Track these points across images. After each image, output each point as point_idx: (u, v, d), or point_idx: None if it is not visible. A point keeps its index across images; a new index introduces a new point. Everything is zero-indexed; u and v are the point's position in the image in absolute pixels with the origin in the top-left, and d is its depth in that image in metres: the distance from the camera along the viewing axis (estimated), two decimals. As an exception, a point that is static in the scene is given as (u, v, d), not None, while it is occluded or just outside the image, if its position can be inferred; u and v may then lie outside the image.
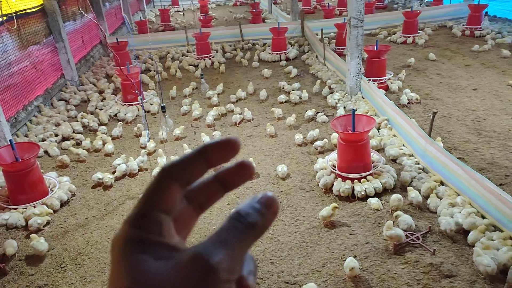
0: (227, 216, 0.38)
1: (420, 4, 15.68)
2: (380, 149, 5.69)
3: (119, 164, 5.62)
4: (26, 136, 6.68)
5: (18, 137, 6.54)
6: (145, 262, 0.36)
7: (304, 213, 4.55)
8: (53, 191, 5.09)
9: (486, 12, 11.22)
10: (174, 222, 0.42)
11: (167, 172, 0.41)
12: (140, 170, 5.68)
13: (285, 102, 7.66)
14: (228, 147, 0.41)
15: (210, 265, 0.34)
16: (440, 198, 4.43)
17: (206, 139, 6.11)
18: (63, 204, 5.00)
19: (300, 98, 7.58)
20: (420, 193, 4.54)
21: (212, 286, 0.34)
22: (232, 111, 7.37)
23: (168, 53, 11.45)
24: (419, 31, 11.13)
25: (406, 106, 6.94)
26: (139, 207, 0.40)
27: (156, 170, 5.57)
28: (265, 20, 15.32)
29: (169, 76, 9.69)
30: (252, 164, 0.43)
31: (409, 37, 10.87)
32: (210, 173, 0.44)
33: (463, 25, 11.42)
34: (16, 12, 7.32)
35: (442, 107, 6.82)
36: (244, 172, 0.42)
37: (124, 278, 0.36)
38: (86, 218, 4.78)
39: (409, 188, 4.54)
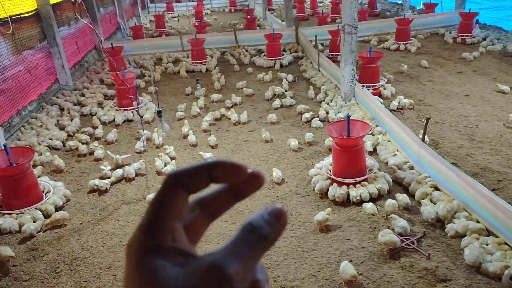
0: (240, 227, 0.39)
1: (413, 12, 15.89)
2: (373, 152, 5.74)
3: (110, 169, 5.62)
4: (33, 144, 6.64)
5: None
6: (162, 269, 0.37)
7: (300, 218, 4.56)
8: (47, 196, 5.06)
9: (477, 20, 11.41)
10: (185, 229, 0.44)
11: (175, 179, 0.42)
12: (137, 175, 5.67)
13: (280, 107, 7.71)
14: (237, 173, 0.43)
15: (226, 275, 0.36)
16: (434, 203, 4.48)
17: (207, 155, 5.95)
18: (57, 209, 4.96)
19: (291, 102, 7.76)
20: (414, 198, 4.61)
21: None
22: (224, 115, 7.49)
23: (161, 59, 11.49)
24: (411, 38, 11.27)
25: (399, 111, 7.02)
26: (152, 214, 0.41)
27: (165, 168, 5.60)
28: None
29: (164, 81, 9.70)
30: (262, 174, 0.44)
31: (402, 43, 11.00)
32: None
33: (454, 32, 11.60)
34: (10, 16, 7.30)
35: (435, 113, 6.91)
36: (255, 183, 0.44)
37: (143, 285, 0.37)
38: (81, 223, 4.75)
39: (397, 194, 4.63)
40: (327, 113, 7.11)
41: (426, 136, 5.22)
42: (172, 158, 6.00)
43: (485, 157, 5.49)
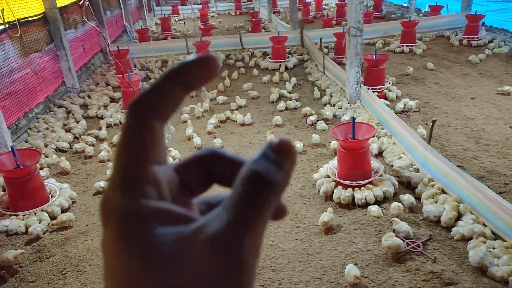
0: (240, 177, 0.30)
1: (418, 14, 15.85)
2: (378, 155, 5.73)
3: None
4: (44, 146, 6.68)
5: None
6: (153, 244, 0.29)
7: (305, 221, 4.56)
8: (53, 197, 5.10)
9: (483, 22, 11.35)
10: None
11: (143, 110, 0.32)
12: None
13: (285, 109, 7.73)
14: (205, 64, 0.33)
15: (236, 256, 0.28)
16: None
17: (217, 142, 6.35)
18: (64, 211, 4.99)
19: (296, 105, 7.80)
20: (420, 201, 4.60)
21: (240, 280, 0.28)
22: (229, 118, 7.51)
23: (167, 61, 11.56)
24: (417, 41, 11.24)
25: (404, 113, 7.00)
26: (127, 164, 0.31)
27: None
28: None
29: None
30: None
31: (407, 46, 10.98)
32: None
33: (460, 34, 11.56)
34: (18, 19, 7.38)
35: (441, 116, 6.88)
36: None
37: (133, 260, 0.29)
38: (86, 225, 4.78)
39: (401, 195, 4.63)
40: (333, 115, 7.11)
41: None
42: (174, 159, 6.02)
43: (492, 160, 5.45)
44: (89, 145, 6.60)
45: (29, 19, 8.04)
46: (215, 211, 0.30)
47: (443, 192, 4.68)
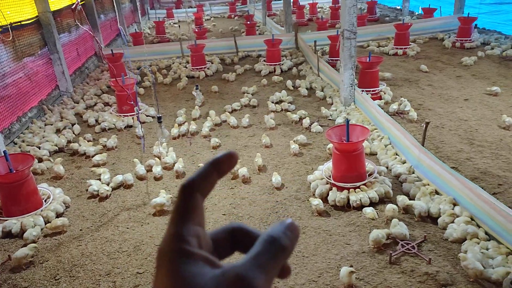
0: (260, 239, 0.43)
1: (412, 17, 15.95)
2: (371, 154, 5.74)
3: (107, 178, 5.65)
4: (32, 151, 6.64)
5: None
6: (194, 277, 0.40)
7: (300, 223, 4.55)
8: (47, 202, 5.06)
9: (476, 25, 11.44)
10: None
11: (192, 187, 0.46)
12: (138, 178, 5.68)
13: (280, 111, 7.74)
14: (231, 159, 0.49)
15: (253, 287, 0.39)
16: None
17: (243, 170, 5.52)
18: (58, 216, 4.95)
19: (291, 107, 7.76)
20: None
21: None
22: (225, 121, 7.50)
23: (160, 66, 11.53)
24: (410, 43, 11.31)
25: (399, 115, 7.03)
26: (179, 222, 0.45)
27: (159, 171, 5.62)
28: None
29: (164, 87, 9.75)
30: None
31: (400, 48, 11.04)
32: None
33: (453, 37, 11.64)
34: (11, 23, 7.34)
35: (435, 118, 6.91)
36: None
37: None
38: (80, 230, 4.74)
39: (397, 196, 4.66)
40: (327, 118, 7.12)
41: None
42: (168, 168, 6.00)
43: (485, 161, 5.48)
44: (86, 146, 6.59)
45: (22, 23, 7.99)
46: (240, 261, 0.41)
47: (437, 193, 4.70)
